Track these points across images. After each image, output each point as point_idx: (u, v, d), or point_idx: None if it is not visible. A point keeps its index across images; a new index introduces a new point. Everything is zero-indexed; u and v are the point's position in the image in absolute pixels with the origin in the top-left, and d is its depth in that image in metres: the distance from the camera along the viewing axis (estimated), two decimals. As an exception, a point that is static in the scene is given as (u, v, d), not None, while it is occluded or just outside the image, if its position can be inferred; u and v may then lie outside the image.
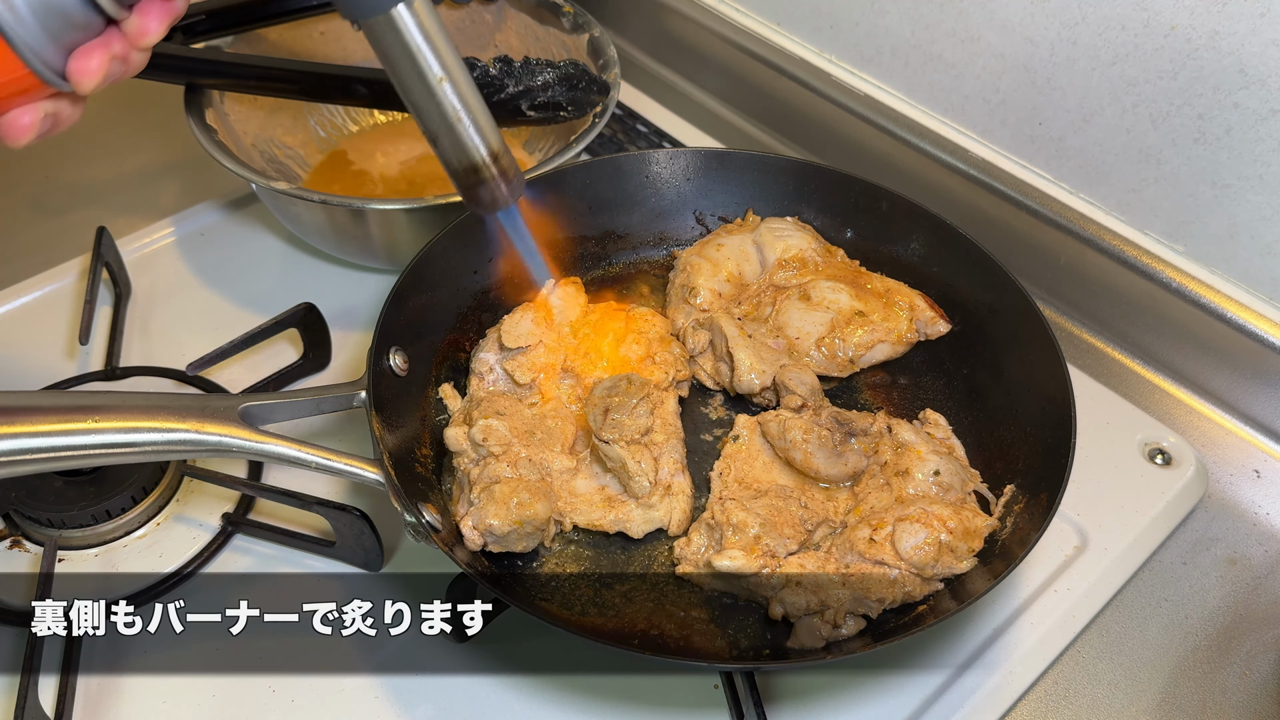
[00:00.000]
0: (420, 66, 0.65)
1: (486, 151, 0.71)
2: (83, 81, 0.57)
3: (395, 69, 0.66)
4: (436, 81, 0.66)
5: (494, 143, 0.71)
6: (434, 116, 0.68)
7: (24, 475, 0.81)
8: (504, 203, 0.74)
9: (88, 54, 0.56)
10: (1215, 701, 0.79)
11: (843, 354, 0.91)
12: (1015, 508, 0.78)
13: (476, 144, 0.70)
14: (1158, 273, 0.99)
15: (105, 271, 1.02)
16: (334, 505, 0.80)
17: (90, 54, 0.56)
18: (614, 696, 0.76)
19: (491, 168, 0.71)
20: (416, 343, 0.86)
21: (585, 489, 0.81)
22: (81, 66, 0.56)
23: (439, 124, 0.68)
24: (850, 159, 1.20)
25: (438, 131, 0.69)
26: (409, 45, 0.64)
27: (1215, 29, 0.88)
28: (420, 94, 0.67)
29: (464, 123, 0.69)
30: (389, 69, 0.66)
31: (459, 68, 0.67)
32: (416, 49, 0.64)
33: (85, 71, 0.56)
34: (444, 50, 0.65)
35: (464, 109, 0.68)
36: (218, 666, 0.77)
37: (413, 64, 0.65)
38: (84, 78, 0.56)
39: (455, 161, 0.71)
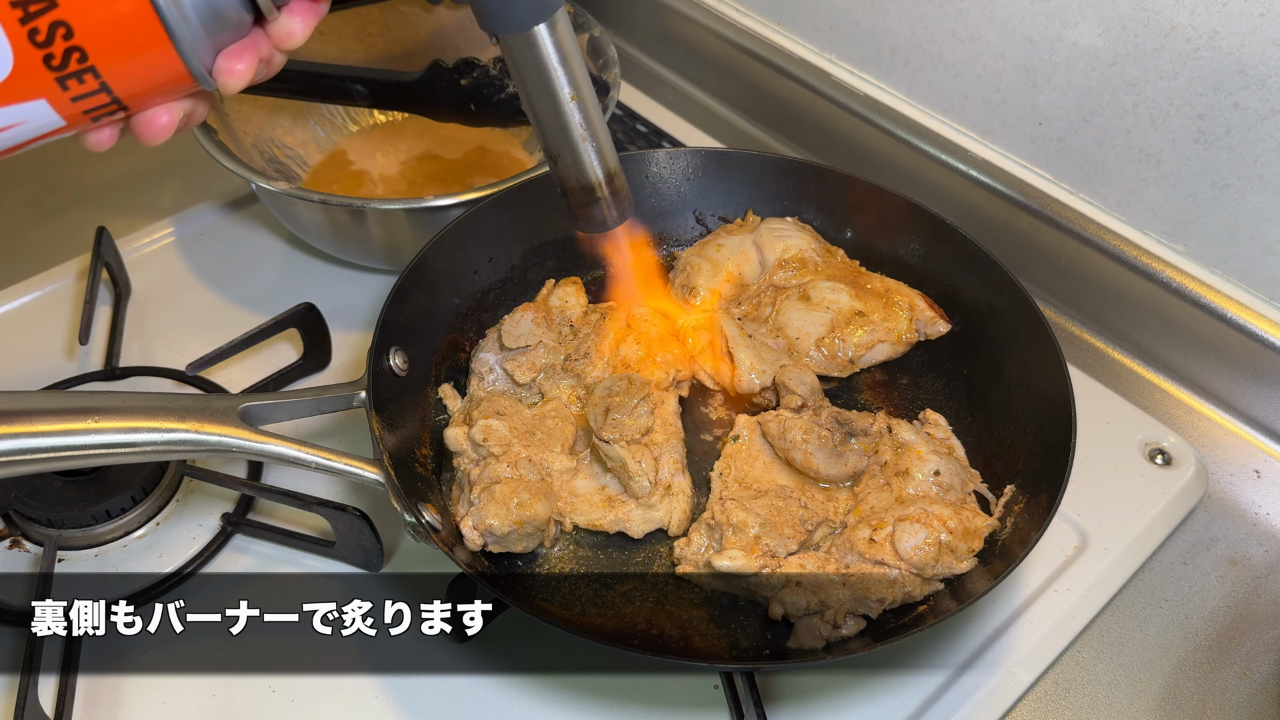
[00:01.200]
0: (553, 85, 0.65)
1: (604, 172, 0.71)
2: (230, 82, 0.56)
3: (527, 85, 0.66)
4: (568, 100, 0.66)
5: (612, 164, 0.71)
6: (558, 134, 0.68)
7: (24, 475, 0.81)
8: (613, 223, 0.74)
9: (238, 55, 0.56)
10: (1215, 701, 0.79)
11: (843, 354, 0.91)
12: (1015, 508, 0.79)
13: (595, 164, 0.70)
14: (1158, 273, 0.99)
15: (105, 271, 1.02)
16: (334, 505, 0.80)
17: (240, 55, 0.56)
18: (614, 696, 0.76)
19: (606, 188, 0.72)
20: (416, 343, 0.86)
21: (585, 489, 0.81)
22: (229, 67, 0.56)
23: (562, 142, 0.69)
24: (850, 159, 1.20)
25: (560, 149, 0.69)
26: (545, 63, 0.65)
27: (1215, 29, 0.88)
28: (548, 111, 0.67)
29: (587, 142, 0.69)
30: (520, 83, 0.67)
31: (588, 87, 0.67)
32: (552, 68, 0.65)
33: (233, 73, 0.56)
34: (577, 70, 0.66)
35: (588, 129, 0.68)
36: (218, 666, 0.77)
37: (546, 82, 0.65)
38: (231, 78, 0.56)
39: (573, 180, 0.71)
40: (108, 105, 0.54)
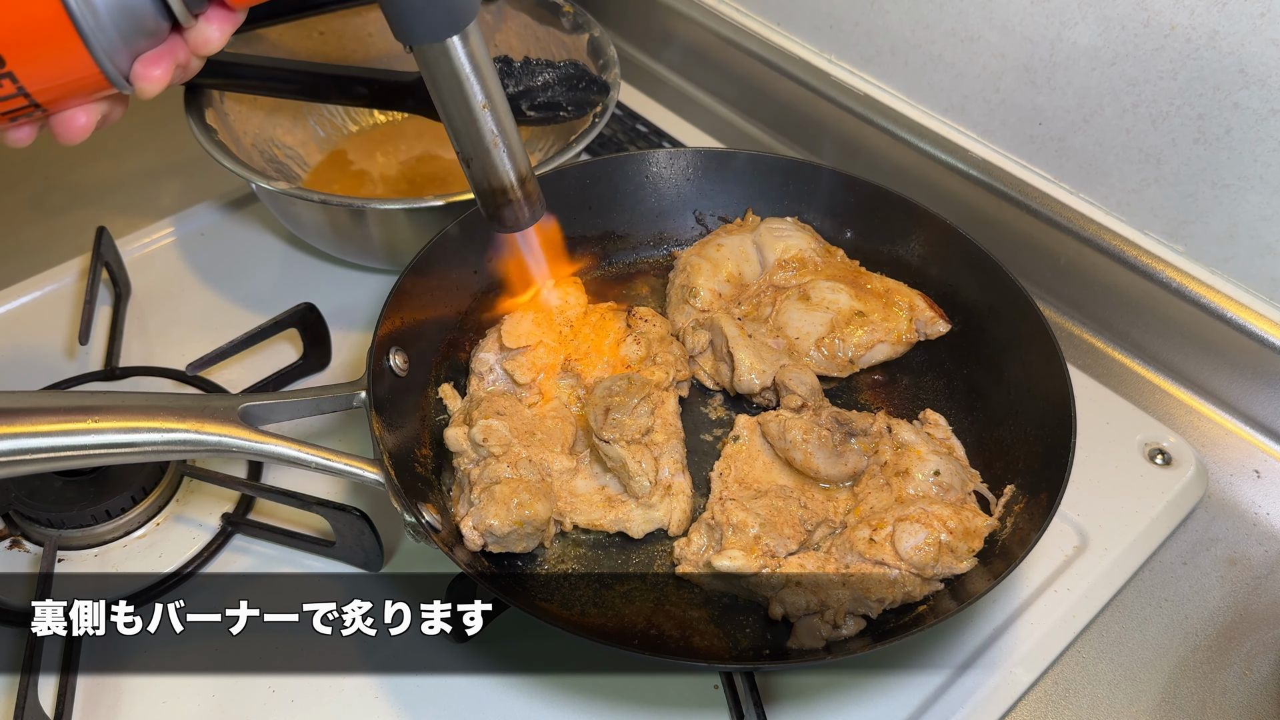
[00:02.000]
0: (466, 93, 0.69)
1: (515, 175, 0.74)
2: (146, 87, 0.58)
3: (441, 93, 0.69)
4: (480, 108, 0.69)
5: (523, 168, 0.75)
6: (470, 140, 0.71)
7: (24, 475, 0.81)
8: (525, 223, 0.78)
9: (155, 60, 0.58)
10: (1215, 701, 0.79)
11: (842, 354, 0.91)
12: (1015, 508, 0.78)
13: (507, 168, 0.74)
14: (1158, 273, 0.99)
15: (105, 271, 1.02)
16: (334, 505, 0.80)
17: (157, 60, 0.58)
18: (614, 696, 0.76)
19: (518, 190, 0.75)
20: (416, 343, 0.86)
21: (585, 489, 0.81)
22: (146, 72, 0.58)
23: (474, 147, 0.72)
24: (850, 159, 1.20)
25: (472, 154, 0.72)
26: (458, 73, 0.67)
27: (1215, 29, 0.88)
28: (461, 118, 0.70)
29: (499, 147, 0.72)
30: (434, 92, 0.69)
31: (500, 96, 0.70)
32: (465, 77, 0.68)
33: (149, 78, 0.58)
34: (489, 79, 0.69)
35: (500, 135, 0.72)
36: (218, 666, 0.77)
37: (459, 90, 0.68)
38: (148, 83, 0.58)
39: (485, 182, 0.74)
40: (25, 107, 0.56)
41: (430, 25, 0.65)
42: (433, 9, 0.64)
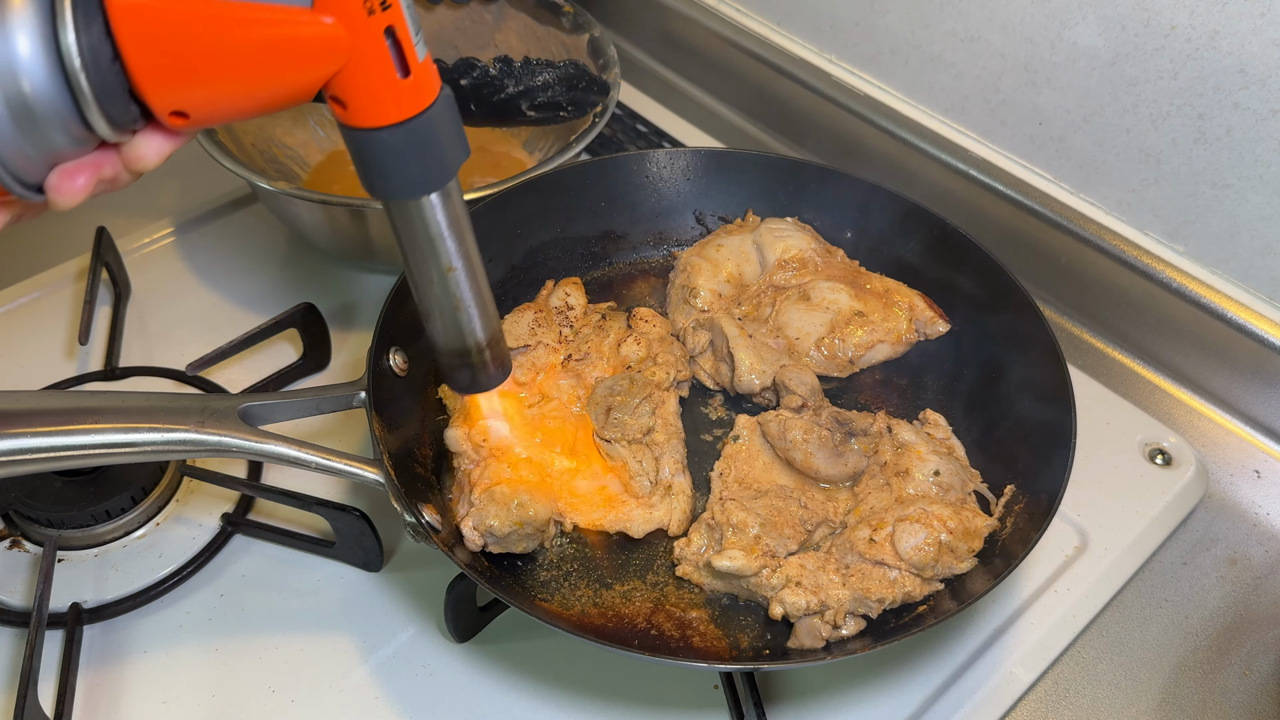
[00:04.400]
0: (435, 254, 0.60)
1: (479, 339, 0.65)
2: (61, 200, 0.51)
3: (405, 248, 0.61)
4: (445, 270, 0.61)
5: (490, 332, 0.66)
6: (430, 299, 0.63)
7: (24, 475, 0.81)
8: (484, 387, 0.68)
9: (74, 173, 0.51)
10: (1215, 701, 0.79)
11: (842, 354, 0.91)
12: (1015, 508, 0.78)
13: (471, 331, 0.65)
14: (1158, 273, 0.99)
15: (105, 271, 1.02)
16: (334, 505, 0.80)
17: (77, 174, 0.51)
18: (614, 696, 0.76)
19: (481, 355, 0.66)
20: (416, 343, 0.86)
21: (585, 489, 0.81)
22: (64, 185, 0.51)
23: (435, 306, 0.63)
24: (850, 159, 1.20)
25: (430, 311, 0.64)
26: (430, 233, 0.59)
27: (1215, 29, 0.87)
28: (424, 277, 0.62)
29: (461, 313, 0.63)
30: (400, 245, 0.61)
31: (474, 256, 0.62)
32: (436, 237, 0.59)
33: (67, 191, 0.51)
34: (465, 239, 0.61)
35: (469, 298, 0.63)
36: (218, 666, 0.77)
37: (428, 251, 0.60)
38: (64, 196, 0.51)
39: (444, 343, 0.66)
40: None
41: (409, 180, 0.56)
42: (407, 165, 0.55)
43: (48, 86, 0.47)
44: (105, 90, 0.48)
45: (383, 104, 0.51)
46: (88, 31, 0.46)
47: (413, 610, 0.81)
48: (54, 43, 0.46)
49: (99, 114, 0.48)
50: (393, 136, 0.53)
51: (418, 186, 0.56)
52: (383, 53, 0.50)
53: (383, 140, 0.53)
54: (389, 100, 0.52)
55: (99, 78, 0.47)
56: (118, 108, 0.49)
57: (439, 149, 0.55)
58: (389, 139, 0.53)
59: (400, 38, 0.50)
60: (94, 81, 0.47)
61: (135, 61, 0.47)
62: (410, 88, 0.52)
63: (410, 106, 0.52)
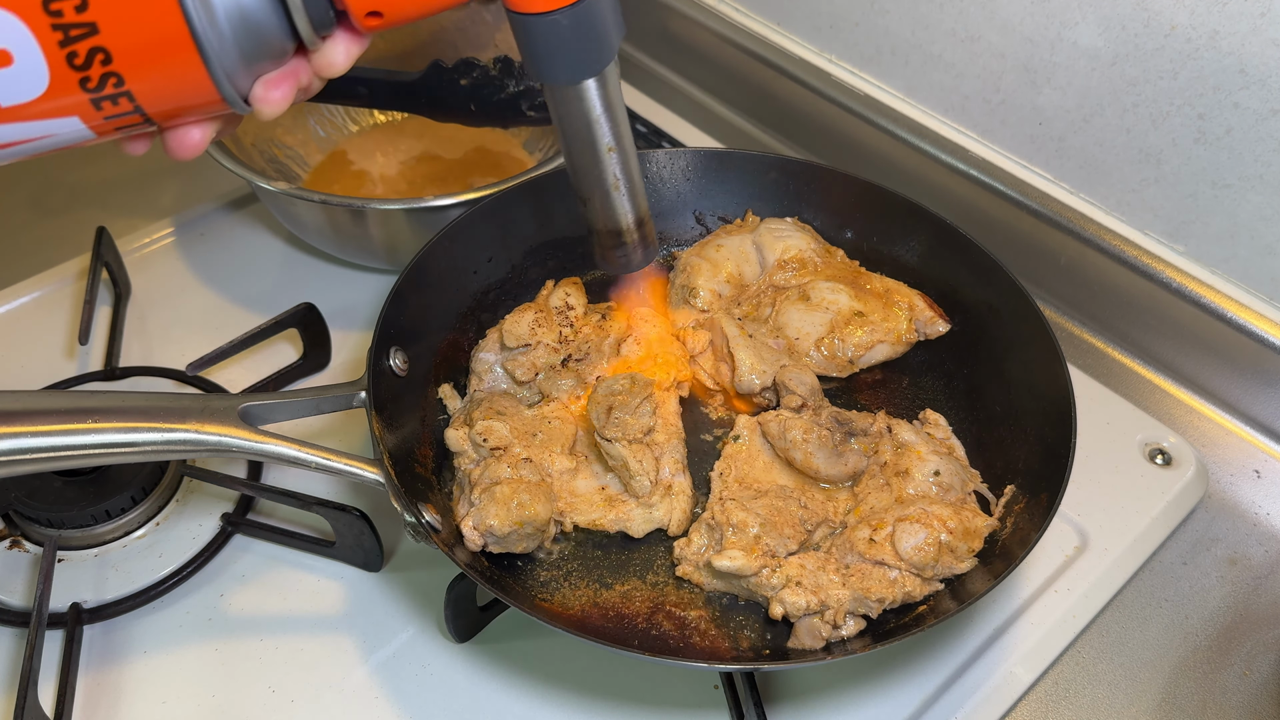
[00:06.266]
0: (594, 136, 0.64)
1: (633, 219, 0.71)
2: (266, 110, 0.56)
3: (567, 133, 0.65)
4: (605, 151, 0.65)
5: (642, 210, 0.71)
6: (591, 182, 0.68)
7: (24, 475, 0.81)
8: (636, 266, 0.74)
9: (277, 83, 0.56)
10: (1215, 701, 0.79)
11: (842, 354, 0.91)
12: (1015, 508, 0.78)
13: (626, 211, 0.70)
14: (1158, 273, 0.99)
15: (105, 271, 1.02)
16: (334, 505, 0.80)
17: (279, 82, 0.56)
18: (614, 696, 0.76)
19: (634, 233, 0.71)
20: (416, 343, 0.86)
21: (586, 489, 0.81)
22: (268, 95, 0.55)
23: (594, 189, 0.68)
24: (850, 159, 1.20)
25: (590, 194, 0.69)
26: (589, 115, 0.63)
27: (1215, 29, 0.88)
28: (585, 160, 0.66)
29: (619, 191, 0.68)
30: (560, 130, 0.65)
31: (628, 138, 0.66)
32: (595, 119, 0.63)
33: (270, 100, 0.55)
34: (621, 122, 0.65)
35: (623, 179, 0.68)
36: (218, 666, 0.77)
37: (587, 133, 0.64)
38: (268, 106, 0.56)
39: (601, 224, 0.71)
40: (140, 123, 0.54)
41: (568, 66, 0.60)
42: (572, 50, 0.58)
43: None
44: None
45: None
46: None
47: (413, 610, 0.81)
48: None
49: (304, 17, 0.52)
50: (564, 18, 0.55)
51: (584, 69, 0.59)
52: None
53: (555, 23, 0.55)
54: None
55: None
56: (319, 10, 0.52)
57: (604, 31, 0.58)
58: (562, 20, 0.55)
59: None
60: None
61: None
62: None
63: None
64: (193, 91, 0.52)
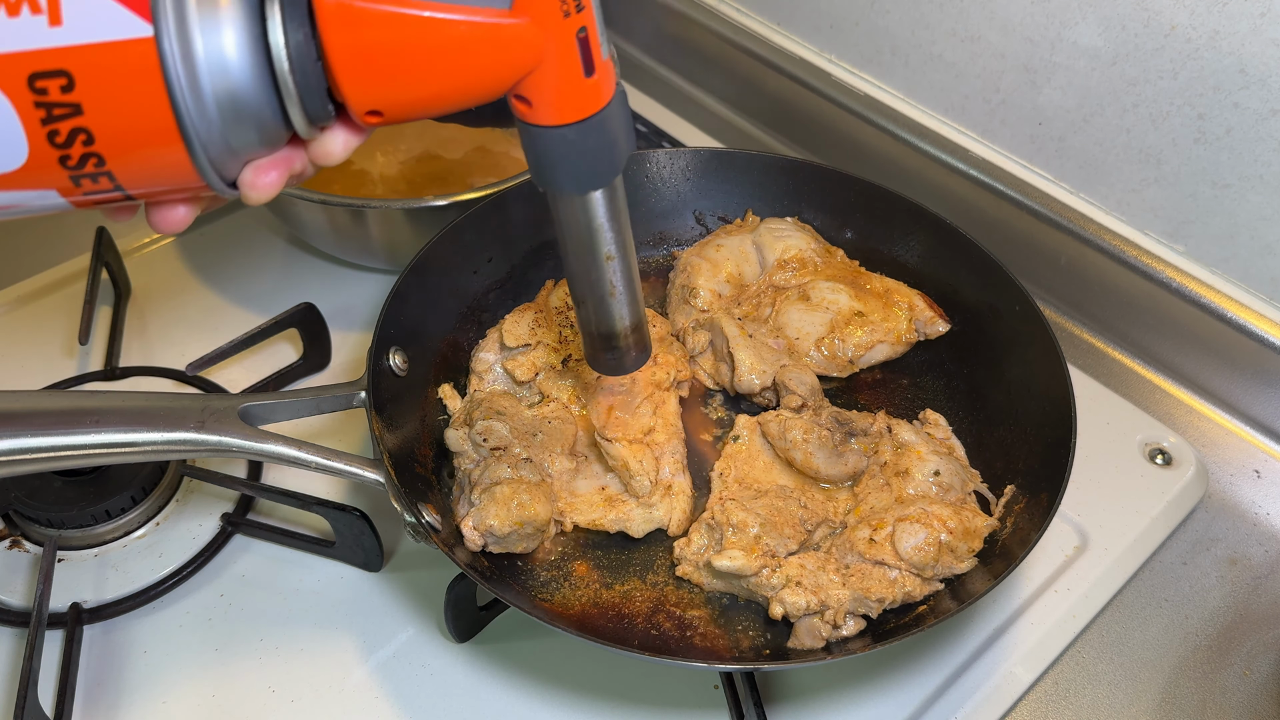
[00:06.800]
0: (596, 243, 0.63)
1: (628, 324, 0.69)
2: (254, 195, 0.53)
3: (567, 239, 0.63)
4: (604, 259, 0.64)
5: (639, 315, 0.69)
6: (588, 286, 0.66)
7: (24, 475, 0.81)
8: (628, 369, 0.72)
9: (266, 170, 0.53)
10: (1215, 701, 0.79)
11: (842, 354, 0.91)
12: (1015, 508, 0.78)
13: (622, 316, 0.68)
14: (1158, 273, 0.99)
15: (105, 271, 1.02)
16: (334, 505, 0.80)
17: (269, 170, 0.53)
18: (614, 696, 0.76)
19: (629, 337, 0.69)
20: (416, 343, 0.86)
21: (586, 489, 0.81)
22: (255, 181, 0.53)
23: (589, 293, 0.66)
24: (850, 159, 1.20)
25: (586, 298, 0.67)
26: (593, 225, 0.62)
27: (1215, 29, 0.87)
28: (584, 265, 0.64)
29: (617, 298, 0.67)
30: (560, 235, 0.63)
31: (629, 246, 0.65)
32: (599, 227, 0.62)
33: (258, 187, 0.53)
34: (623, 230, 0.63)
35: (622, 285, 0.66)
36: (218, 666, 0.77)
37: (589, 242, 0.63)
38: (255, 192, 0.53)
39: (595, 328, 0.69)
40: (120, 200, 0.52)
41: (576, 177, 0.58)
42: (582, 161, 0.57)
43: (255, 84, 0.48)
44: (308, 89, 0.49)
45: (567, 103, 0.53)
46: (295, 31, 0.47)
47: (413, 610, 0.81)
48: (262, 42, 0.47)
49: (300, 111, 0.50)
50: (574, 134, 0.55)
51: (589, 181, 0.59)
52: (572, 53, 0.51)
53: (564, 137, 0.55)
54: (574, 99, 0.53)
55: (303, 77, 0.48)
56: (317, 105, 0.50)
57: (613, 145, 0.57)
58: (570, 136, 0.55)
59: (590, 38, 0.52)
60: (299, 80, 0.48)
61: (339, 63, 0.48)
62: (594, 87, 0.53)
63: (592, 104, 0.54)
64: (176, 176, 0.50)
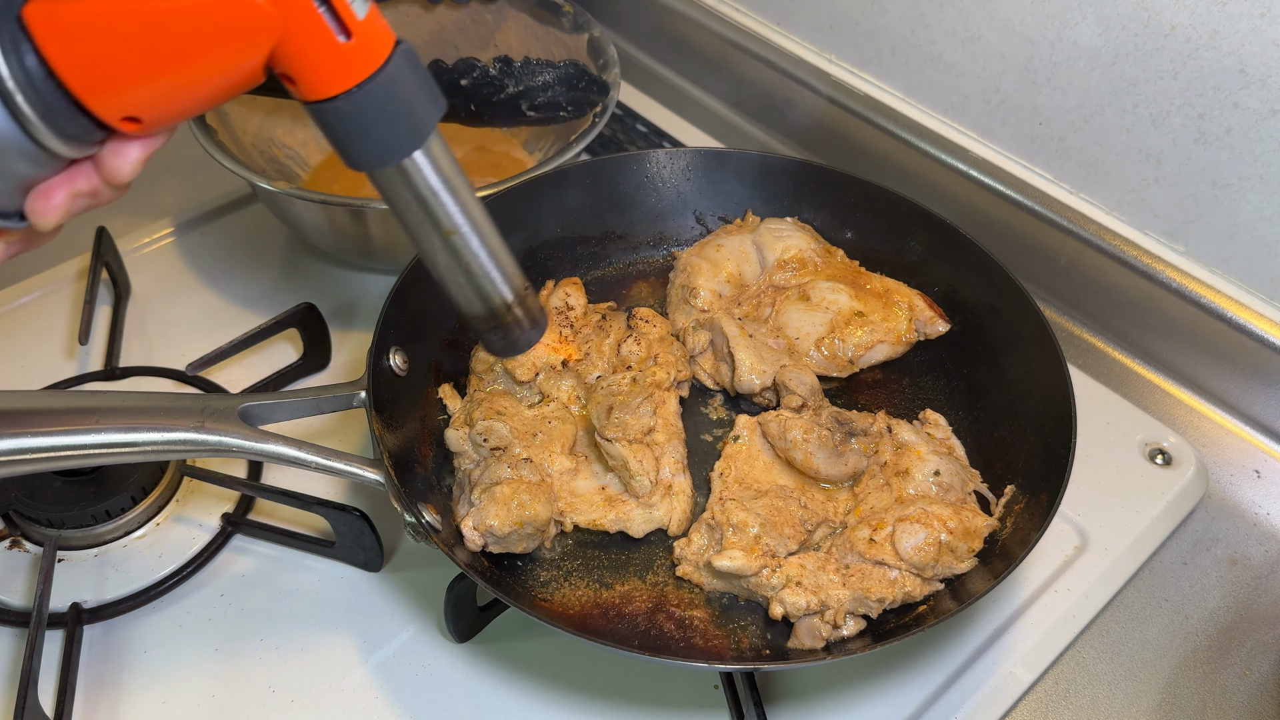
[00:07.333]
0: (426, 219, 0.56)
1: (501, 299, 0.61)
2: (41, 221, 0.51)
3: (401, 218, 0.57)
4: (444, 235, 0.57)
5: (514, 287, 0.61)
6: (440, 268, 0.59)
7: (24, 475, 0.81)
8: (521, 349, 0.65)
9: (49, 193, 0.51)
10: (1215, 701, 0.79)
11: (842, 354, 0.91)
12: (1015, 508, 0.78)
13: (489, 295, 0.61)
14: (1158, 273, 0.99)
15: (105, 271, 1.02)
16: (334, 505, 0.80)
17: (51, 192, 0.51)
18: (614, 696, 0.76)
19: (508, 314, 0.62)
20: (416, 343, 0.86)
21: (586, 489, 0.81)
22: (40, 206, 0.51)
23: (444, 274, 0.60)
24: (850, 159, 1.20)
25: (443, 281, 0.60)
26: (415, 197, 0.55)
27: (1215, 29, 0.87)
28: (426, 245, 0.58)
29: (475, 274, 0.59)
30: (396, 216, 0.57)
31: (476, 210, 0.58)
32: (423, 200, 0.55)
33: (44, 211, 0.51)
34: (459, 199, 0.56)
35: (478, 261, 0.59)
36: (218, 666, 0.77)
37: (420, 215, 0.56)
38: (42, 217, 0.51)
39: (465, 309, 0.62)
40: None
41: (373, 150, 0.52)
42: (374, 132, 0.51)
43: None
44: (49, 110, 0.47)
45: (330, 72, 0.49)
46: (17, 54, 0.45)
47: (413, 610, 0.81)
48: None
49: (50, 134, 0.47)
50: (349, 104, 0.50)
51: (390, 151, 0.53)
52: (316, 19, 0.47)
53: (339, 110, 0.50)
54: (336, 67, 0.49)
55: (39, 98, 0.46)
56: (68, 124, 0.48)
57: (405, 108, 0.52)
58: (345, 107, 0.50)
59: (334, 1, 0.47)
60: (35, 103, 0.46)
61: (69, 75, 0.46)
62: (356, 50, 0.49)
63: (360, 70, 0.49)
64: None
